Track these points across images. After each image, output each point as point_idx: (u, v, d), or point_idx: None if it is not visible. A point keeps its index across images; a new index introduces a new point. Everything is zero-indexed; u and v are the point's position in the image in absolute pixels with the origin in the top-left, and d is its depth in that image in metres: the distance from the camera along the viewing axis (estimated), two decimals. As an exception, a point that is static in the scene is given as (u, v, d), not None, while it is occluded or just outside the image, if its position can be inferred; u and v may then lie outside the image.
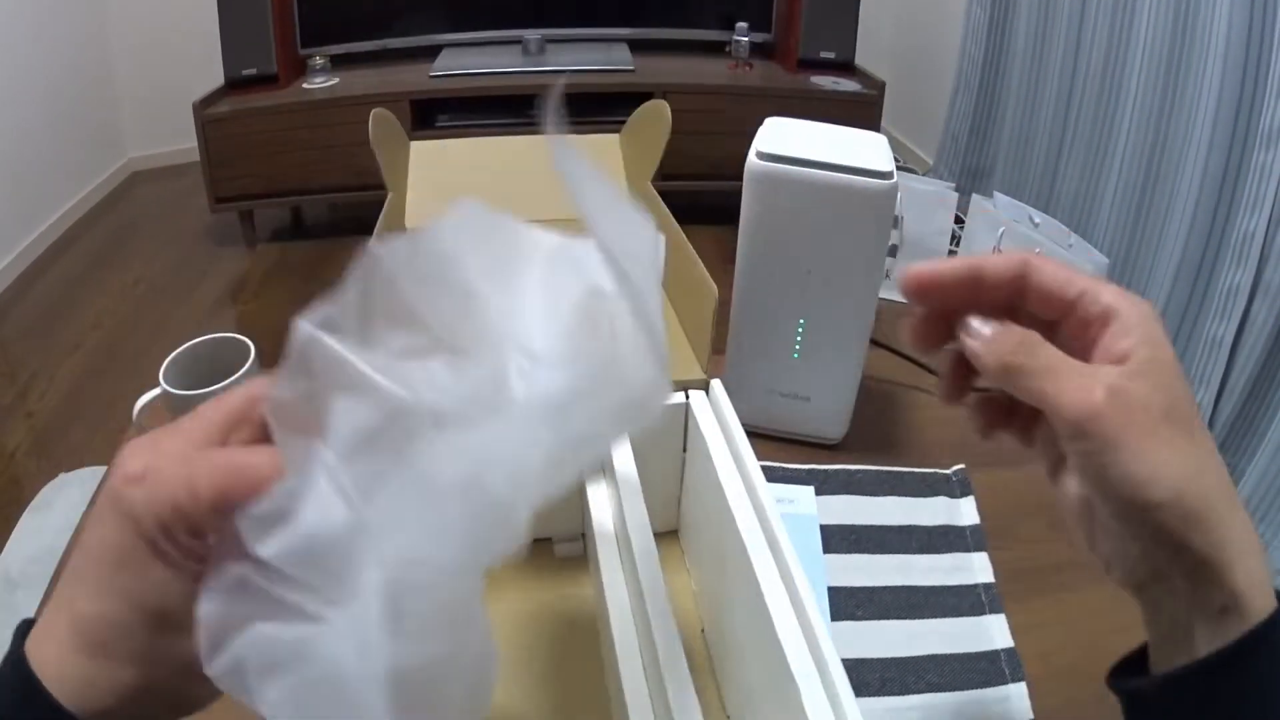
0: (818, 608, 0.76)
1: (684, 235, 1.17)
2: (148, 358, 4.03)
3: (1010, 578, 1.17)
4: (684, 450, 1.10)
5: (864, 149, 1.17)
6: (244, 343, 1.31)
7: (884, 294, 1.25)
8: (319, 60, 4.94)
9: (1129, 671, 0.67)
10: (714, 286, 1.05)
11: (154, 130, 6.15)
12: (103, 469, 1.92)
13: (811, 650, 0.74)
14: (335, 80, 4.95)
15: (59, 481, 3.08)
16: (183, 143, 5.38)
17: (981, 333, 0.65)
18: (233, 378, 1.23)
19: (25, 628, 0.58)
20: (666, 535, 1.18)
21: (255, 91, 4.88)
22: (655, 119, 1.46)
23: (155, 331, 4.37)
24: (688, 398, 1.06)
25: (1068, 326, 0.65)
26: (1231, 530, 0.58)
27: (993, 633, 1.09)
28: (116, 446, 1.38)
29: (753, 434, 1.02)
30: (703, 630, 1.05)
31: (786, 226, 1.19)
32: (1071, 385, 0.59)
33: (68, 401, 3.91)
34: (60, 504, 2.96)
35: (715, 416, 1.03)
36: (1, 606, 2.50)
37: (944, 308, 0.69)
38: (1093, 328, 0.62)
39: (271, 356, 2.67)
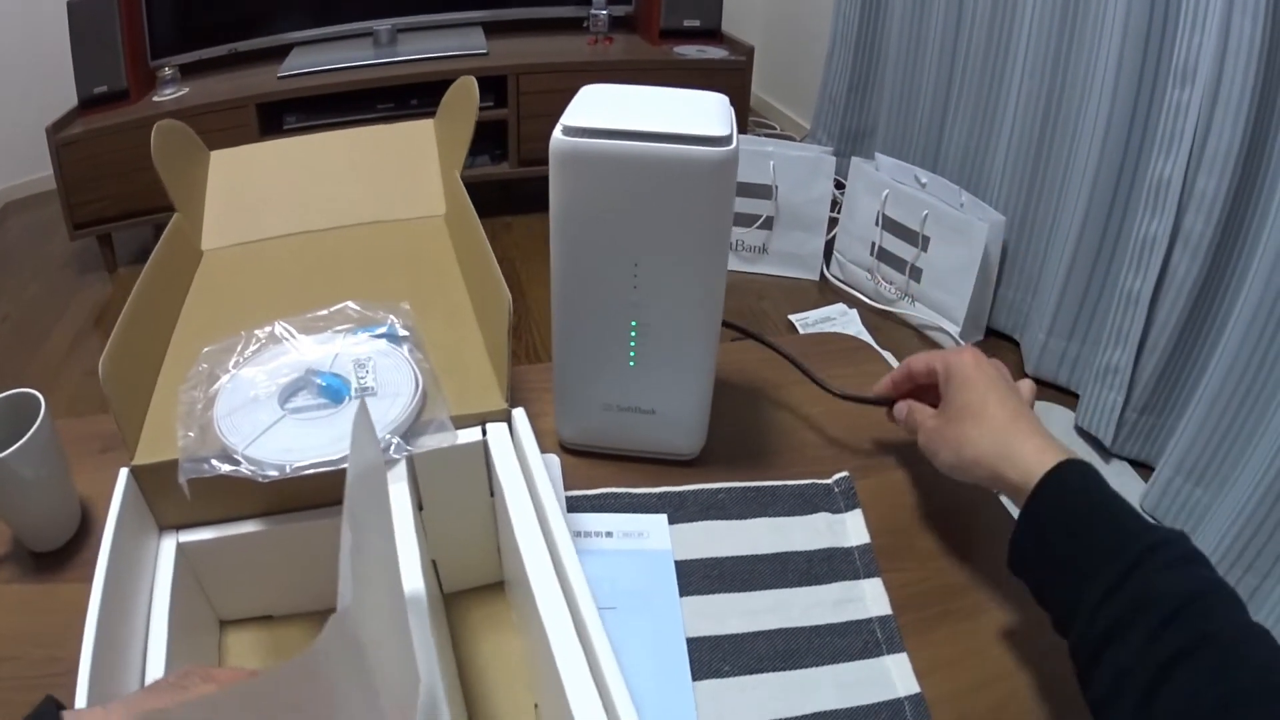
0: (671, 667, 0.76)
1: (483, 233, 1.04)
2: None
3: (909, 606, 1.05)
4: (491, 494, 0.96)
5: (697, 112, 1.01)
6: (35, 397, 1.19)
7: (737, 266, 1.14)
8: (168, 71, 4.84)
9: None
10: (508, 294, 0.91)
11: (19, 158, 6.05)
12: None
13: None
14: (185, 90, 4.85)
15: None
16: (49, 169, 5.28)
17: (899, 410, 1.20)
18: (21, 440, 1.11)
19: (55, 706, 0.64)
20: (494, 589, 1.05)
21: (108, 109, 4.77)
22: (464, 97, 1.34)
23: (20, 371, 4.22)
24: (485, 434, 0.93)
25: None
26: (1001, 461, 0.98)
27: (893, 676, 0.97)
28: None
29: (593, 455, 0.89)
30: (536, 705, 0.92)
31: (605, 211, 1.02)
32: (920, 431, 1.12)
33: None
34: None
35: (514, 452, 0.91)
36: None
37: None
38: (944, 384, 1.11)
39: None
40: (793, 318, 3.86)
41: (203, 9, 4.97)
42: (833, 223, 4.18)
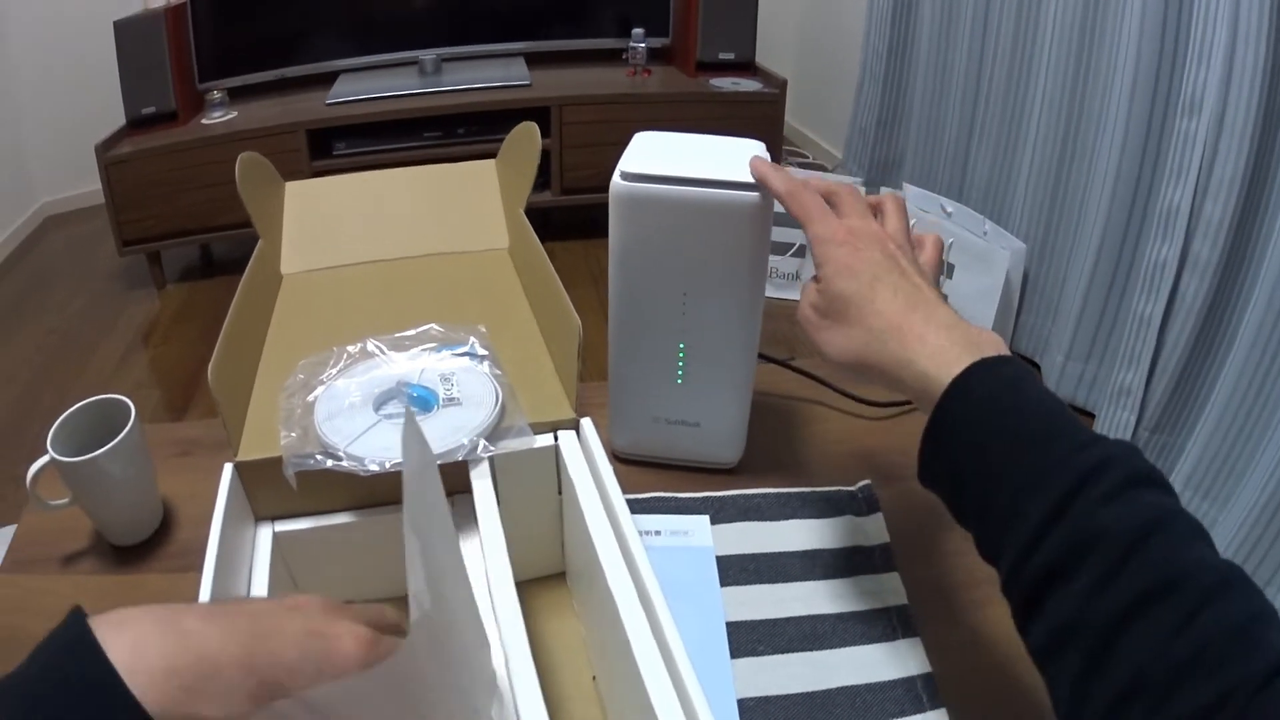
0: (712, 648, 0.82)
1: (550, 266, 1.14)
2: (62, 409, 3.96)
3: (923, 597, 1.13)
4: (559, 493, 1.06)
5: (738, 159, 1.11)
6: (124, 403, 1.28)
7: (773, 293, 1.22)
8: (217, 94, 4.88)
9: None
10: (577, 320, 1.02)
11: (64, 173, 6.09)
12: (10, 528, 1.89)
13: (680, 698, 0.73)
14: (234, 114, 4.90)
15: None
16: (93, 184, 5.33)
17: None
18: (114, 441, 1.21)
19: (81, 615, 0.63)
20: (556, 579, 1.15)
21: (156, 130, 4.82)
22: (526, 141, 1.43)
23: (69, 384, 4.31)
24: (556, 439, 1.03)
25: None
26: (888, 362, 0.86)
27: (907, 658, 1.05)
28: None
29: (643, 464, 0.98)
30: (594, 678, 1.01)
31: (658, 248, 1.13)
32: (799, 310, 0.97)
33: (-12, 458, 3.82)
34: (-16, 561, 2.90)
35: (584, 456, 1.00)
36: None
37: None
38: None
39: (183, 401, 2.62)
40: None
41: (249, 34, 5.02)
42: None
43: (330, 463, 0.96)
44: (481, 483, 0.97)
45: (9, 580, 1.30)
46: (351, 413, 1.02)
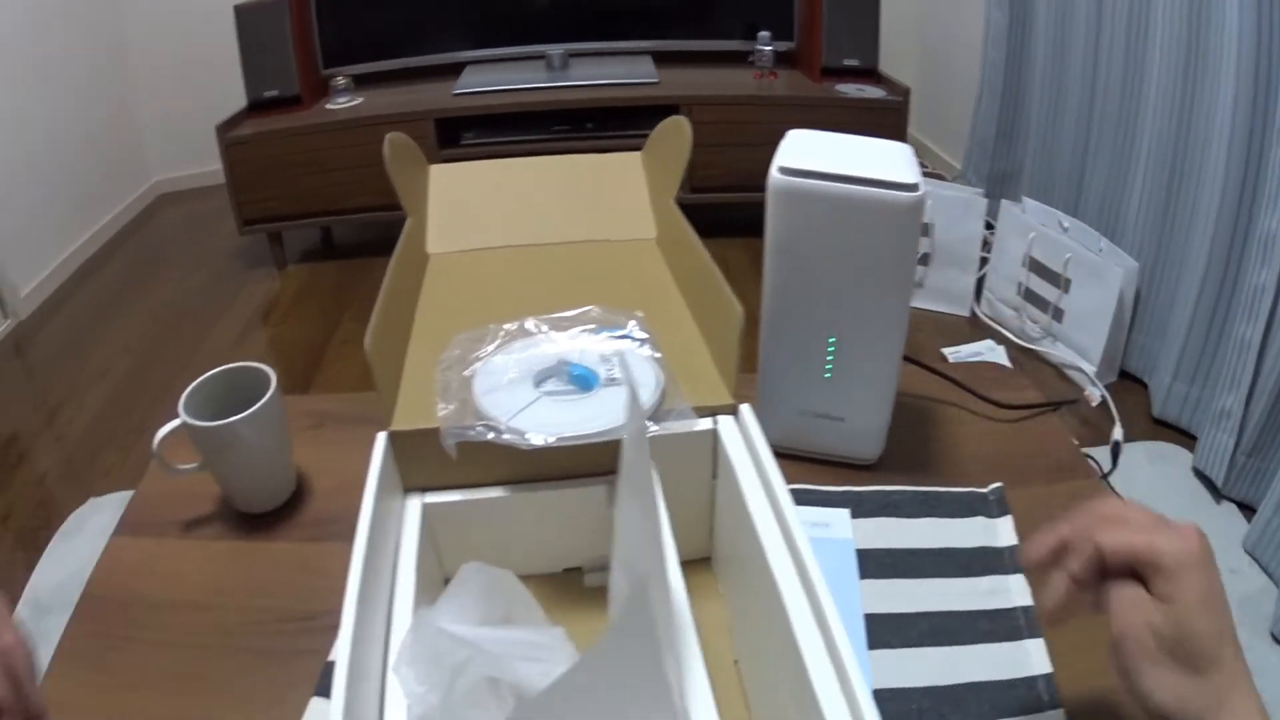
0: (851, 638, 0.75)
1: (708, 255, 1.15)
2: (178, 382, 3.99)
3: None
4: (714, 477, 1.07)
5: (889, 160, 1.14)
6: (264, 371, 1.31)
7: (914, 303, 1.22)
8: (341, 80, 4.95)
9: None
10: (739, 306, 1.02)
11: (179, 153, 6.19)
12: (131, 493, 1.93)
13: (841, 684, 0.73)
14: (359, 100, 4.96)
15: (89, 506, 3.08)
16: (207, 165, 5.39)
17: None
18: (253, 408, 1.24)
19: None
20: (699, 563, 1.16)
21: (278, 113, 4.89)
22: (676, 135, 1.44)
23: (184, 356, 4.38)
24: (716, 423, 1.04)
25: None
26: None
27: (1031, 658, 1.06)
28: (145, 472, 1.38)
29: (786, 456, 1.00)
30: (736, 661, 1.02)
31: (812, 242, 1.15)
32: (1120, 618, 0.79)
33: (97, 426, 3.91)
34: (89, 529, 2.96)
35: (744, 441, 1.01)
36: (32, 633, 2.50)
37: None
38: (1150, 575, 0.78)
39: (304, 377, 2.66)
40: (945, 350, 3.91)
41: (374, 23, 5.07)
42: (982, 261, 4.25)
43: (491, 435, 0.97)
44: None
45: (128, 543, 1.33)
46: (511, 388, 1.03)
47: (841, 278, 1.16)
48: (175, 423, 1.25)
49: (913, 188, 1.09)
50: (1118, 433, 3.31)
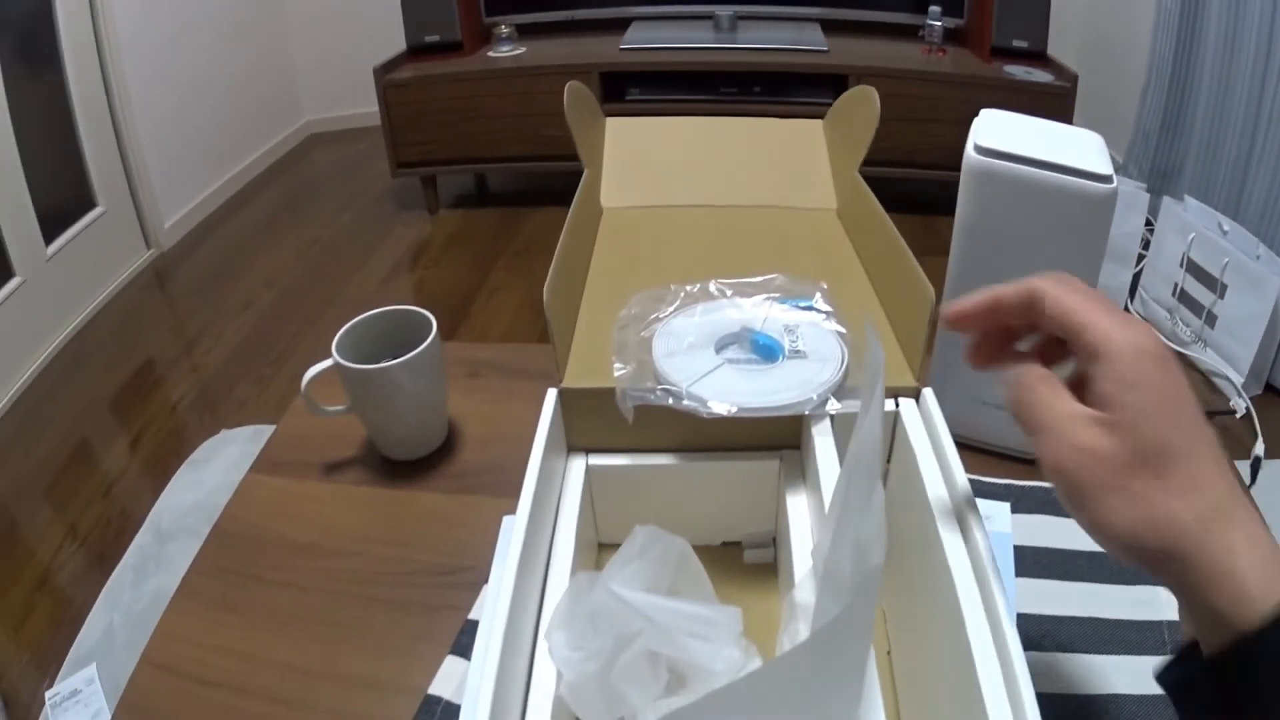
0: (1018, 642, 0.73)
1: (896, 231, 1.12)
2: (320, 319, 4.18)
3: None
4: (888, 460, 1.04)
5: (1083, 149, 1.11)
6: (424, 316, 1.30)
7: None
8: (504, 29, 4.98)
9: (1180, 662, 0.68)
10: (930, 288, 0.99)
11: (331, 94, 6.29)
12: (266, 428, 1.94)
13: (1009, 690, 0.71)
14: (522, 49, 4.98)
15: (220, 438, 3.12)
16: (360, 107, 5.45)
17: (1005, 378, 0.75)
18: (412, 353, 1.23)
19: None
20: None
21: (438, 59, 4.94)
22: (863, 105, 1.41)
23: (329, 294, 4.43)
24: (897, 405, 1.01)
25: (1074, 353, 0.69)
26: (1206, 557, 0.60)
27: None
28: (282, 410, 1.38)
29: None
30: (888, 652, 1.01)
31: (1003, 226, 1.13)
32: (1046, 443, 0.67)
33: (234, 358, 3.98)
34: (219, 460, 2.99)
35: (924, 426, 0.99)
36: (150, 559, 2.53)
37: (987, 331, 0.79)
38: (1088, 362, 0.66)
39: (450, 324, 2.69)
40: (1098, 348, 3.82)
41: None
42: (1140, 258, 4.19)
43: (671, 400, 0.95)
44: (824, 440, 0.95)
45: (263, 481, 1.34)
46: (691, 352, 1.02)
47: (1029, 265, 1.10)
48: (327, 363, 1.25)
49: (1107, 179, 1.07)
50: (1259, 448, 3.25)
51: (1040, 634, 1.07)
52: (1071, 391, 0.69)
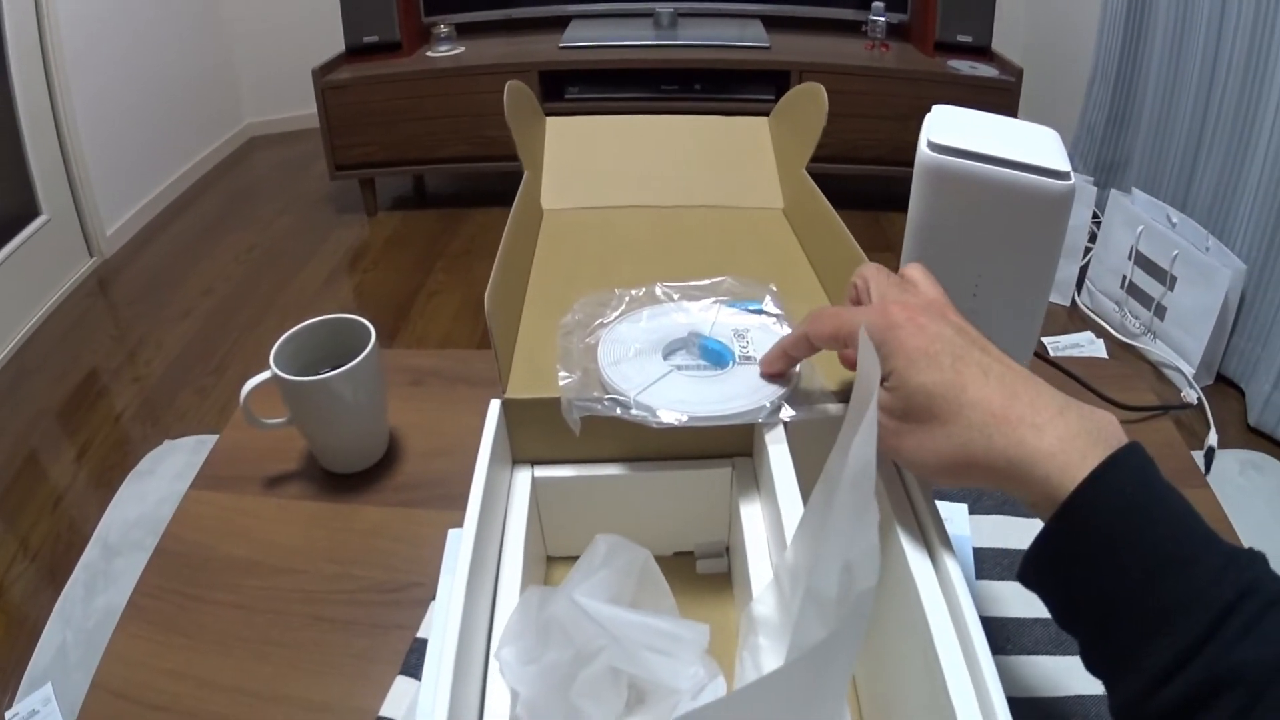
0: (987, 650, 0.73)
1: (846, 230, 1.11)
2: (260, 327, 4.17)
3: None
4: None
5: (1039, 145, 1.08)
6: (363, 325, 1.29)
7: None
8: (444, 28, 4.96)
9: None
10: None
11: (271, 96, 6.29)
12: (209, 438, 1.92)
13: (978, 694, 0.71)
14: (461, 49, 4.97)
15: (164, 448, 3.08)
16: (300, 109, 5.43)
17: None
18: (350, 364, 1.22)
19: None
20: None
21: (377, 59, 4.92)
22: (810, 102, 1.38)
23: (268, 300, 4.41)
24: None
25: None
26: (1002, 463, 0.70)
27: None
28: (224, 419, 1.35)
29: None
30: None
31: (958, 224, 1.10)
32: None
33: (175, 367, 3.96)
34: (162, 471, 2.95)
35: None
36: (99, 574, 2.51)
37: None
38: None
39: (390, 328, 2.66)
40: (1044, 340, 3.83)
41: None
42: (1086, 251, 4.22)
43: (619, 410, 0.93)
44: (778, 447, 0.93)
45: (204, 497, 1.32)
46: (638, 360, 0.99)
47: (984, 264, 1.11)
48: (265, 375, 1.23)
49: (1064, 175, 1.04)
50: (1212, 438, 3.24)
51: (1002, 637, 1.06)
52: None
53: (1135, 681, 0.64)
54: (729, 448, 1.01)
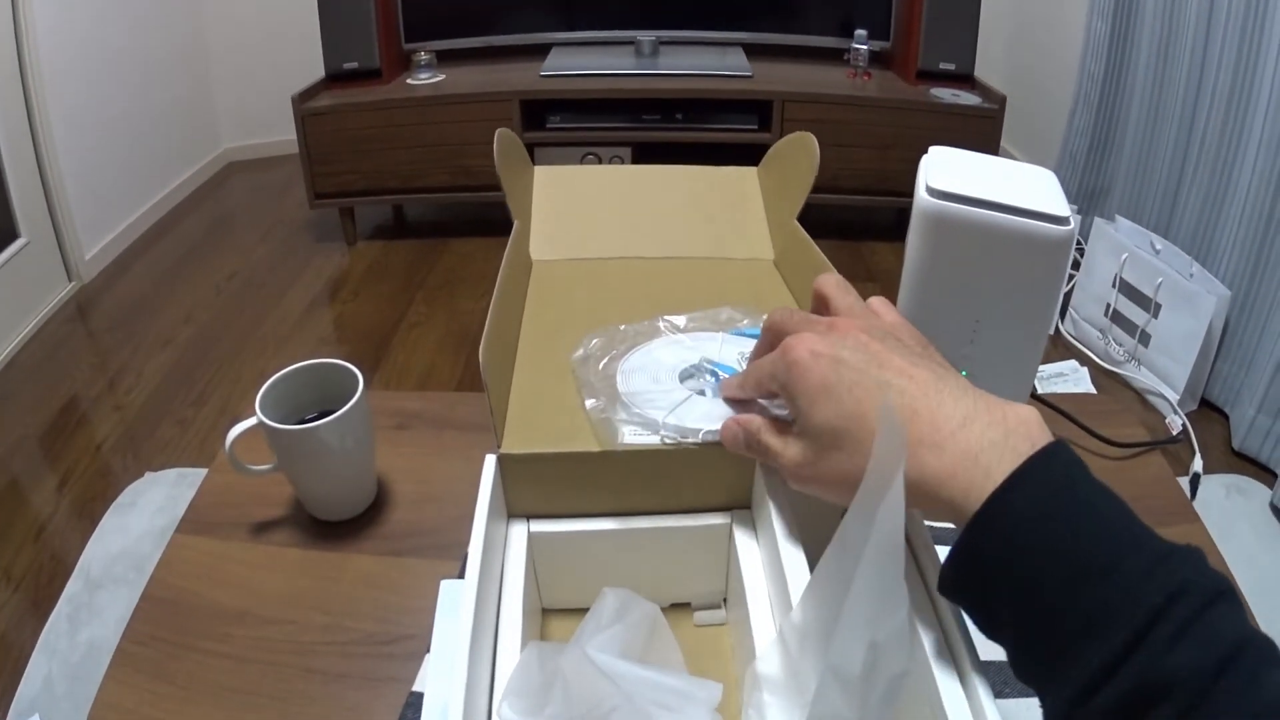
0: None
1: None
2: (240, 357, 4.15)
3: None
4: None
5: (1037, 188, 1.08)
6: (350, 370, 1.26)
7: None
8: (424, 56, 4.96)
9: None
10: None
11: (250, 122, 6.28)
12: (190, 471, 1.90)
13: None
14: (441, 77, 4.97)
15: (145, 480, 3.07)
16: (279, 135, 5.42)
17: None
18: (339, 412, 1.20)
19: None
20: None
21: (357, 86, 4.91)
22: (801, 151, 1.37)
23: (248, 330, 4.38)
24: None
25: None
26: (915, 491, 0.70)
27: None
28: (204, 452, 1.34)
29: None
30: None
31: (957, 269, 1.10)
32: (783, 472, 0.84)
33: (156, 397, 3.95)
34: (144, 504, 2.94)
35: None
36: (82, 606, 2.50)
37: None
38: None
39: (372, 360, 2.65)
40: (1031, 370, 3.84)
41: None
42: (1070, 277, 4.21)
43: (661, 432, 0.94)
44: (778, 499, 0.92)
45: (190, 543, 1.30)
46: (659, 388, 1.00)
47: (983, 307, 1.11)
48: (250, 421, 1.21)
49: (1064, 220, 1.04)
50: (1198, 464, 3.25)
51: (1000, 681, 1.03)
52: None
53: (1062, 691, 0.62)
54: (726, 500, 1.00)
